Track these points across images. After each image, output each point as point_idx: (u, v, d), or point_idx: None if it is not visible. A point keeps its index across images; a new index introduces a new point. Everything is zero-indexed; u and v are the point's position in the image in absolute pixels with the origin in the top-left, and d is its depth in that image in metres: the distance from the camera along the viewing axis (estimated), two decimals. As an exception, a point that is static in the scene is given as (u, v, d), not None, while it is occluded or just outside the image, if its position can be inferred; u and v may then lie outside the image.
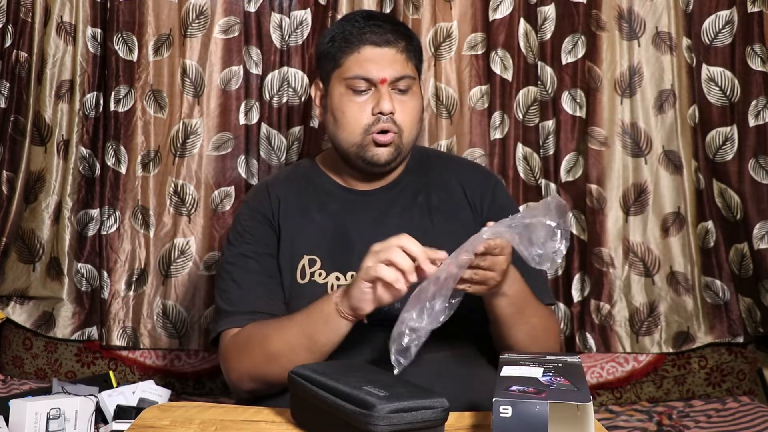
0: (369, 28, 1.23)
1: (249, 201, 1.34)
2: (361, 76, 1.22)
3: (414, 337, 0.95)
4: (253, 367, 1.15)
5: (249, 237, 1.27)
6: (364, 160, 1.24)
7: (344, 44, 1.24)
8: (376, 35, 1.23)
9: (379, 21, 1.25)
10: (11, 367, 1.90)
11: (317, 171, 1.35)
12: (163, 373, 1.86)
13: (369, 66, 1.21)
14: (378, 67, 1.21)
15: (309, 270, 1.23)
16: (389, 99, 1.21)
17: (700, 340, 1.80)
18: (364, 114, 1.22)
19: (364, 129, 1.22)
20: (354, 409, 0.85)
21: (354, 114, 1.22)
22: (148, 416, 1.00)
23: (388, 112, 1.20)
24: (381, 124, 1.21)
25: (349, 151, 1.24)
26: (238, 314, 1.21)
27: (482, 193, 1.31)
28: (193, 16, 1.85)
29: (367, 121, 1.21)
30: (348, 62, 1.23)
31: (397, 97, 1.23)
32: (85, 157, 1.89)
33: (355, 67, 1.22)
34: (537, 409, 0.76)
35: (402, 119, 1.22)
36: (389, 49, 1.22)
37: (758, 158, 1.78)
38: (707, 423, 1.65)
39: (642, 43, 1.81)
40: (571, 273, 1.83)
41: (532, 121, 1.84)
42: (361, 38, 1.23)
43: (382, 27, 1.23)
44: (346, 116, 1.23)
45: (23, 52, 1.86)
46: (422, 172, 1.33)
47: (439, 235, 1.24)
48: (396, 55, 1.23)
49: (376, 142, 1.22)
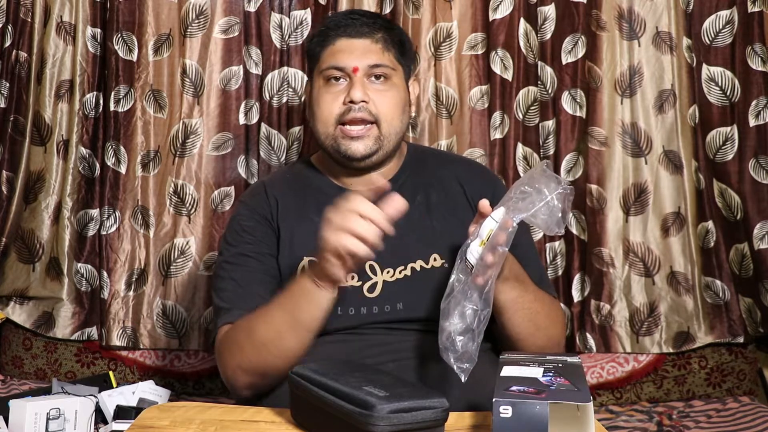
0: (344, 21, 1.26)
1: (247, 201, 1.33)
2: (333, 65, 1.23)
3: (468, 337, 0.93)
4: (245, 359, 1.13)
5: (249, 237, 1.26)
6: (339, 153, 1.24)
7: (321, 39, 1.27)
8: (350, 27, 1.25)
9: (357, 15, 1.28)
10: (11, 367, 1.90)
11: (312, 171, 1.35)
12: (163, 373, 1.86)
13: (341, 56, 1.23)
14: (351, 56, 1.22)
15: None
16: (360, 87, 1.21)
17: (701, 340, 1.80)
18: (336, 104, 1.22)
19: (336, 119, 1.22)
20: (354, 409, 0.85)
21: (327, 104, 1.23)
22: (148, 416, 1.00)
23: (358, 100, 1.20)
24: (352, 113, 1.21)
25: (326, 144, 1.25)
26: (237, 312, 1.19)
27: (482, 191, 1.30)
28: (193, 16, 1.85)
29: (338, 110, 1.22)
30: (324, 55, 1.25)
31: (374, 86, 1.23)
32: (85, 157, 1.89)
33: (329, 58, 1.24)
34: (537, 410, 0.76)
35: (379, 109, 1.22)
36: (363, 40, 1.24)
37: (758, 158, 1.78)
38: (707, 423, 1.65)
39: (642, 43, 1.81)
40: (571, 273, 1.83)
41: (532, 121, 1.84)
42: (336, 31, 1.25)
43: (357, 20, 1.25)
44: (320, 107, 1.24)
45: (23, 52, 1.86)
46: (420, 171, 1.33)
47: (439, 234, 1.24)
48: (371, 45, 1.24)
49: (347, 135, 1.21)
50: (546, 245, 1.83)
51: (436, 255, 1.22)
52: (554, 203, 0.94)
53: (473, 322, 0.94)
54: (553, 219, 0.94)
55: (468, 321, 0.94)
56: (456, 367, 0.94)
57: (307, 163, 1.37)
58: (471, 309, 0.94)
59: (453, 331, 0.94)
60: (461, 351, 0.93)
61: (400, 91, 1.27)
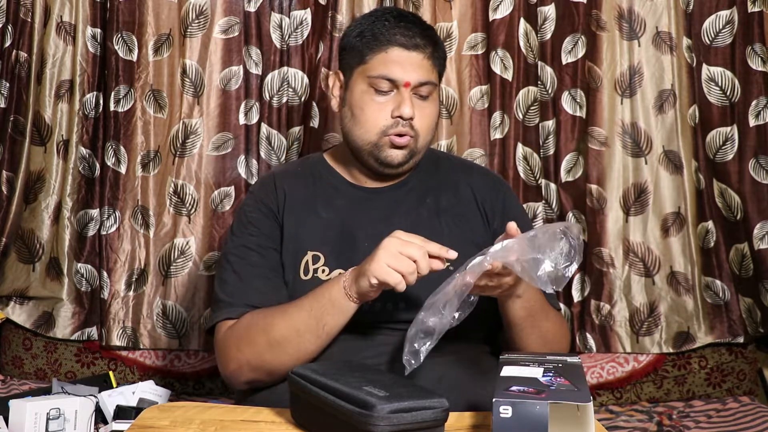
0: (399, 29, 1.22)
1: (255, 192, 1.33)
2: (386, 76, 1.20)
3: (427, 340, 0.95)
4: (256, 356, 1.14)
5: (253, 229, 1.26)
6: (377, 160, 1.23)
7: (372, 41, 1.22)
8: (405, 37, 1.21)
9: (410, 23, 1.24)
10: (11, 368, 1.90)
11: (325, 166, 1.34)
12: (163, 373, 1.86)
13: (395, 68, 1.20)
14: (404, 70, 1.20)
15: (312, 266, 1.22)
16: (410, 104, 1.20)
17: (701, 341, 1.80)
18: (383, 115, 1.21)
19: (382, 130, 1.21)
20: (354, 409, 0.85)
21: (373, 113, 1.21)
22: (148, 416, 1.00)
23: (408, 117, 1.20)
24: (399, 127, 1.21)
25: (363, 148, 1.24)
26: (237, 306, 1.19)
27: (493, 201, 1.31)
28: (193, 16, 1.85)
29: (385, 122, 1.21)
30: (374, 60, 1.22)
31: (418, 102, 1.22)
32: (85, 157, 1.89)
33: (380, 66, 1.21)
34: (537, 410, 0.76)
35: (420, 125, 1.22)
36: (417, 54, 1.21)
37: (758, 158, 1.78)
38: (707, 423, 1.65)
39: (642, 43, 1.81)
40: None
41: (532, 121, 1.84)
42: (390, 38, 1.21)
43: (411, 30, 1.22)
44: (365, 114, 1.22)
45: (23, 52, 1.86)
46: (432, 174, 1.33)
47: (446, 238, 1.23)
48: (423, 61, 1.22)
49: (393, 143, 1.21)
50: (546, 245, 1.83)
51: None
52: (548, 270, 0.93)
53: (439, 328, 0.95)
54: (542, 279, 0.94)
55: (435, 325, 0.95)
56: (405, 359, 0.96)
57: (320, 158, 1.37)
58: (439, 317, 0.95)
59: (420, 328, 0.95)
60: (416, 349, 0.95)
61: (437, 107, 1.27)
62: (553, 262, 0.93)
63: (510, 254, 0.95)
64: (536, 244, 0.94)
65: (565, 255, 0.94)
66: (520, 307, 1.12)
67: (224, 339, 1.19)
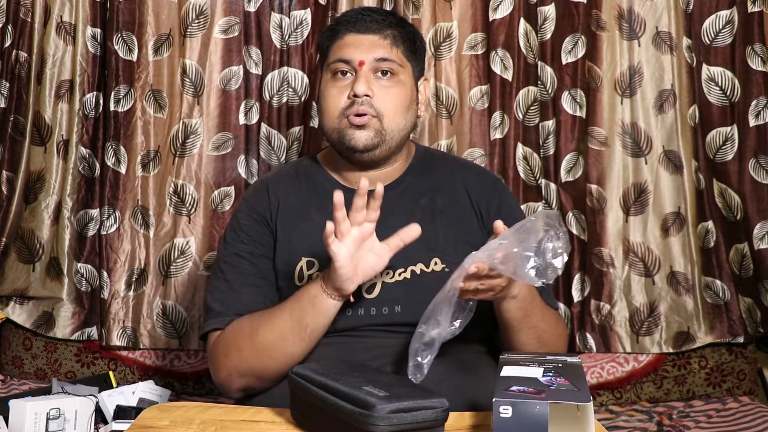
0: (355, 17, 1.26)
1: (248, 198, 1.33)
2: (339, 58, 1.23)
3: (428, 353, 0.95)
4: (243, 362, 1.14)
5: (245, 237, 1.26)
6: (343, 145, 1.23)
7: (330, 33, 1.27)
8: (360, 23, 1.25)
9: (367, 11, 1.28)
10: (11, 367, 1.90)
11: (318, 169, 1.34)
12: (163, 373, 1.86)
13: (348, 49, 1.23)
14: (357, 50, 1.22)
15: (307, 272, 1.22)
16: (365, 81, 1.20)
17: (701, 340, 1.80)
18: (341, 97, 1.22)
19: (341, 112, 1.22)
20: (354, 409, 0.85)
21: (333, 99, 1.23)
22: (148, 416, 1.00)
23: (362, 94, 1.20)
24: (356, 107, 1.20)
25: (332, 136, 1.25)
26: (228, 315, 1.20)
27: (488, 199, 1.30)
28: (193, 16, 1.85)
29: (343, 104, 1.22)
30: (332, 49, 1.26)
31: (380, 82, 1.22)
32: (85, 157, 1.89)
33: (336, 51, 1.24)
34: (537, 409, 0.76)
35: (381, 105, 1.21)
36: (372, 36, 1.24)
37: (758, 158, 1.78)
38: (707, 423, 1.65)
39: (642, 43, 1.81)
40: (571, 273, 1.83)
41: (532, 121, 1.84)
42: (345, 26, 1.25)
43: (368, 16, 1.25)
44: (327, 101, 1.24)
45: (23, 52, 1.86)
46: (427, 174, 1.32)
47: (441, 239, 1.23)
48: (378, 40, 1.24)
49: (351, 123, 1.21)
50: (546, 245, 1.83)
51: (437, 259, 1.21)
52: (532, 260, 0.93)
53: (438, 338, 0.95)
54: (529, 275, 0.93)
55: (435, 335, 0.95)
56: (411, 374, 0.95)
57: (314, 160, 1.36)
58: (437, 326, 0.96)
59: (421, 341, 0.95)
60: (419, 363, 0.95)
61: (407, 88, 1.26)
62: (539, 256, 0.93)
63: (494, 253, 0.95)
64: (520, 239, 0.94)
65: (553, 245, 0.94)
66: (515, 308, 1.11)
67: (214, 347, 1.19)
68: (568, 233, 0.97)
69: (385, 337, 1.17)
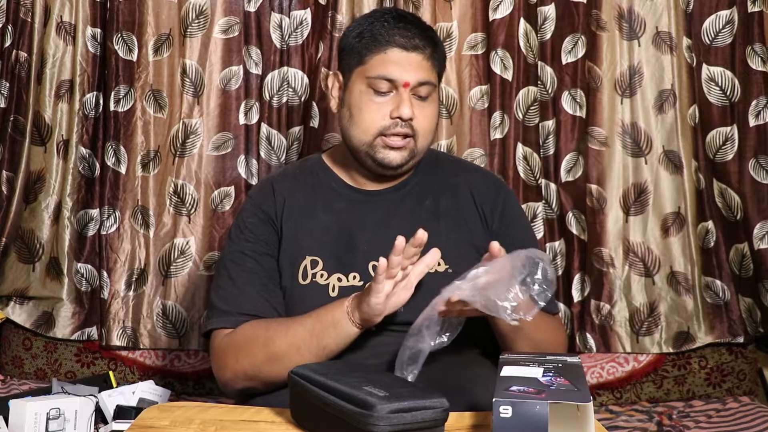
0: (398, 30, 1.21)
1: (253, 197, 1.33)
2: (384, 76, 1.20)
3: (413, 367, 0.99)
4: (254, 367, 1.15)
5: (250, 235, 1.26)
6: (374, 160, 1.22)
7: (371, 42, 1.21)
8: (404, 38, 1.21)
9: (409, 24, 1.23)
10: (11, 367, 1.90)
11: (324, 168, 1.33)
12: (163, 373, 1.86)
13: (394, 68, 1.20)
14: (403, 70, 1.20)
15: (311, 271, 1.22)
16: (410, 104, 1.19)
17: (701, 340, 1.80)
18: (380, 115, 1.20)
19: (379, 130, 1.20)
20: (354, 409, 0.85)
21: (372, 114, 1.21)
22: (148, 416, 1.00)
23: (407, 117, 1.19)
24: (398, 128, 1.20)
25: (360, 149, 1.23)
26: (232, 314, 1.20)
27: (492, 203, 1.30)
28: (193, 16, 1.85)
29: (383, 122, 1.20)
30: (373, 61, 1.21)
31: (417, 102, 1.21)
32: (85, 157, 1.89)
33: (379, 67, 1.20)
34: (537, 409, 0.76)
35: (419, 125, 1.21)
36: (416, 54, 1.21)
37: (758, 158, 1.78)
38: (707, 423, 1.65)
39: (642, 42, 1.81)
40: (571, 273, 1.83)
41: (532, 121, 1.84)
42: (389, 39, 1.20)
43: (411, 30, 1.21)
44: (363, 114, 1.21)
45: (23, 52, 1.86)
46: (432, 176, 1.32)
47: (445, 241, 1.23)
48: (422, 62, 1.21)
49: (387, 144, 1.20)
50: (546, 245, 1.83)
51: (440, 260, 1.22)
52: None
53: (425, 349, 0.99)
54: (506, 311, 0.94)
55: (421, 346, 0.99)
56: None
57: (319, 160, 1.36)
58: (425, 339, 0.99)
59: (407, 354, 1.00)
60: (404, 375, 1.01)
61: (437, 107, 1.26)
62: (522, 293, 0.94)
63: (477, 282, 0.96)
64: (506, 272, 0.95)
65: (538, 283, 0.95)
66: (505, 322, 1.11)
67: (223, 348, 1.19)
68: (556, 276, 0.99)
69: (385, 335, 1.17)
